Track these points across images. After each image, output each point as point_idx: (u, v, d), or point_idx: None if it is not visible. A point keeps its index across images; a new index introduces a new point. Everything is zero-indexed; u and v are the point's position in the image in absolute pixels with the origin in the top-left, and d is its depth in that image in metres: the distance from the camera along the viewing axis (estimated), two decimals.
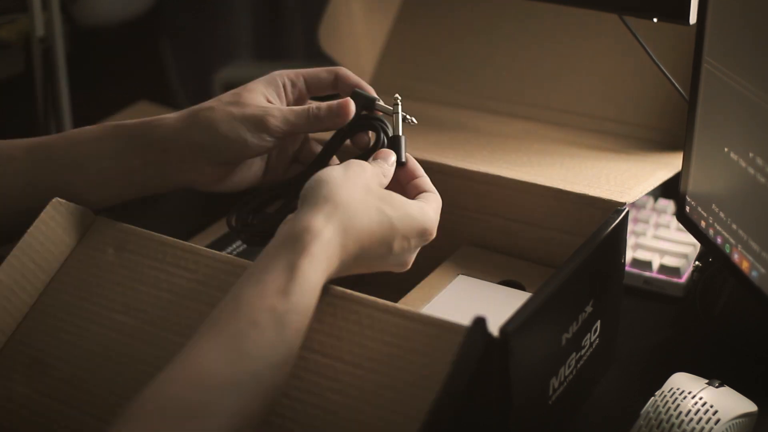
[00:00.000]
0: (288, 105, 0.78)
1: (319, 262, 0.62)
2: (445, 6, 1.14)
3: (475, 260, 0.87)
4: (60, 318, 0.71)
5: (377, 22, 1.17)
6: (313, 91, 0.79)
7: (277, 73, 0.78)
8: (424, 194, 0.73)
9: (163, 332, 0.68)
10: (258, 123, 0.73)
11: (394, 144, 0.76)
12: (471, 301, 0.81)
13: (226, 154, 0.75)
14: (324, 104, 0.75)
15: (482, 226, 0.89)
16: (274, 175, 0.80)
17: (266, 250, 0.63)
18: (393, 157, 0.74)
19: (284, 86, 0.77)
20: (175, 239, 0.73)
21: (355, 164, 0.69)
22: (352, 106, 0.75)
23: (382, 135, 0.76)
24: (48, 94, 1.38)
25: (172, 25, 1.67)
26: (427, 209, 0.70)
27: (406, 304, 0.80)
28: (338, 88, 0.79)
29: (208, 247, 0.91)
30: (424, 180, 0.75)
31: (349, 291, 0.65)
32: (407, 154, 0.76)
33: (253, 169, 0.79)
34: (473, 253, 0.88)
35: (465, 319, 0.61)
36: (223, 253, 0.72)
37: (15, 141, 0.77)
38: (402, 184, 0.75)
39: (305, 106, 0.75)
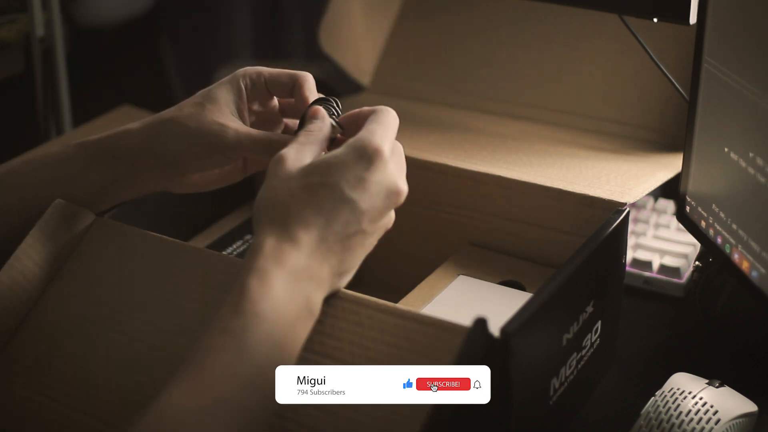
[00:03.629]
0: (250, 105, 0.75)
1: (266, 273, 0.60)
2: (445, 6, 1.14)
3: (475, 260, 0.87)
4: (61, 319, 0.71)
5: (377, 22, 1.17)
6: (275, 92, 0.76)
7: (240, 73, 0.75)
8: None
9: (163, 333, 0.68)
10: (211, 143, 0.72)
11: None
12: (471, 301, 0.81)
13: (187, 167, 0.74)
14: (282, 136, 0.72)
15: (482, 226, 0.89)
16: (254, 167, 0.78)
17: None
18: (321, 112, 0.69)
19: (246, 88, 0.74)
20: (175, 240, 0.73)
21: (272, 166, 0.64)
22: None
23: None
24: (48, 94, 1.38)
25: (172, 25, 1.67)
26: (365, 132, 0.63)
27: (406, 304, 0.80)
28: (294, 95, 0.74)
29: (208, 247, 0.92)
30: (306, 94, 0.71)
31: (349, 291, 0.65)
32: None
33: (226, 171, 0.78)
34: (473, 253, 0.88)
35: (465, 320, 0.61)
36: (224, 254, 0.72)
37: None
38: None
39: (265, 134, 0.72)
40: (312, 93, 0.74)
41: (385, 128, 0.65)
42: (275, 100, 0.77)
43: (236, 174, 0.78)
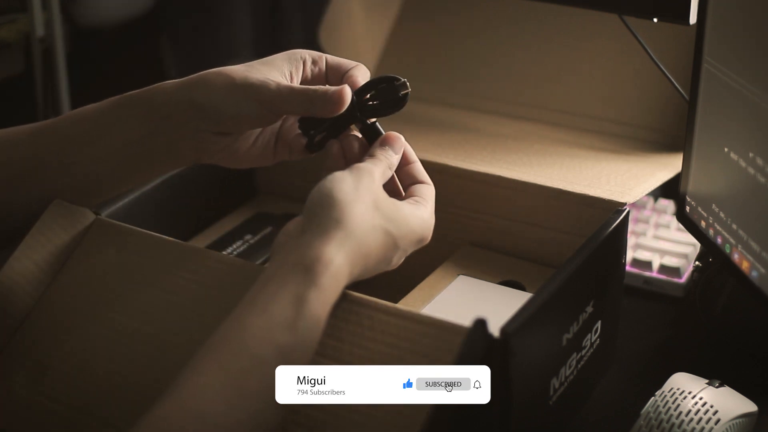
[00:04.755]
0: (304, 83, 0.74)
1: (327, 295, 0.61)
2: (445, 6, 1.14)
3: (475, 260, 0.87)
4: (61, 319, 0.71)
5: (377, 22, 1.17)
6: (332, 78, 0.75)
7: (299, 50, 0.75)
8: (419, 189, 0.71)
9: (164, 333, 0.68)
10: (252, 91, 0.70)
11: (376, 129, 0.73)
12: (471, 301, 0.81)
13: (221, 120, 0.72)
14: (322, 87, 0.71)
15: (482, 226, 0.89)
16: (283, 153, 0.77)
17: (272, 273, 0.61)
18: (402, 143, 0.72)
19: (304, 62, 0.74)
20: (175, 239, 0.73)
21: (365, 174, 0.66)
22: (348, 96, 0.71)
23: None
24: (48, 94, 1.38)
25: (172, 25, 1.67)
26: (426, 215, 0.69)
27: (406, 304, 0.80)
28: (343, 83, 0.74)
29: (208, 247, 0.92)
30: (418, 167, 0.73)
31: (349, 292, 0.65)
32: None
33: (258, 146, 0.75)
34: (473, 253, 0.88)
35: (465, 320, 0.61)
36: (224, 254, 0.72)
37: (21, 127, 0.75)
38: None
39: (304, 86, 0.72)
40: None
41: (433, 208, 0.71)
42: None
43: (268, 156, 0.76)
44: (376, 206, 0.65)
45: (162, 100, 0.72)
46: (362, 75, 0.74)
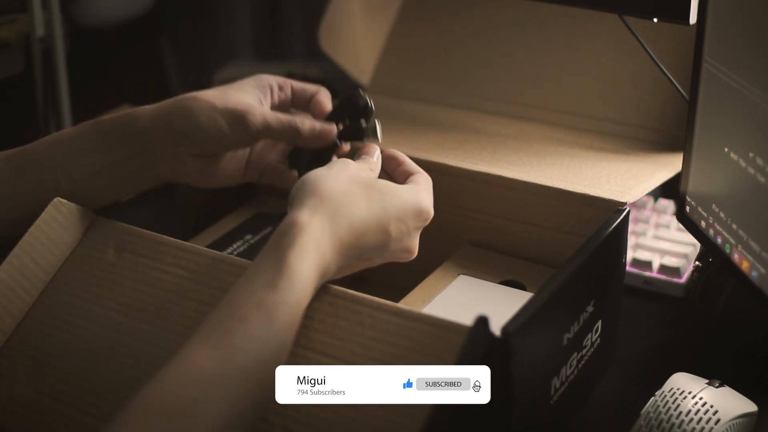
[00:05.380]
0: (272, 108, 0.79)
1: (307, 253, 0.62)
2: (445, 6, 1.14)
3: (475, 260, 0.87)
4: (60, 318, 0.71)
5: (377, 22, 1.17)
6: (297, 102, 0.81)
7: (265, 75, 0.79)
8: (412, 176, 0.74)
9: (163, 332, 0.68)
10: (238, 118, 0.74)
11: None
12: (472, 301, 0.81)
13: (203, 144, 0.75)
14: (308, 122, 0.76)
15: (482, 226, 0.89)
16: (252, 175, 0.81)
17: (260, 251, 0.64)
18: (378, 150, 0.75)
19: (271, 89, 0.78)
20: (175, 239, 0.73)
21: (338, 162, 0.70)
22: (334, 134, 0.77)
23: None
24: (48, 94, 1.38)
25: (172, 25, 1.67)
26: (418, 189, 0.71)
27: (407, 304, 0.80)
28: (310, 108, 0.81)
29: (208, 247, 0.92)
30: (410, 164, 0.75)
31: (350, 291, 0.65)
32: (384, 147, 0.77)
33: (231, 168, 0.79)
34: (474, 253, 0.88)
35: (466, 319, 0.61)
36: (224, 254, 0.72)
37: None
38: (389, 173, 0.75)
39: (290, 116, 0.76)
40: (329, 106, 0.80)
41: (430, 190, 0.73)
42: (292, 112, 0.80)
43: (237, 177, 0.81)
44: (352, 179, 0.68)
45: (140, 125, 0.75)
46: (326, 97, 0.80)
